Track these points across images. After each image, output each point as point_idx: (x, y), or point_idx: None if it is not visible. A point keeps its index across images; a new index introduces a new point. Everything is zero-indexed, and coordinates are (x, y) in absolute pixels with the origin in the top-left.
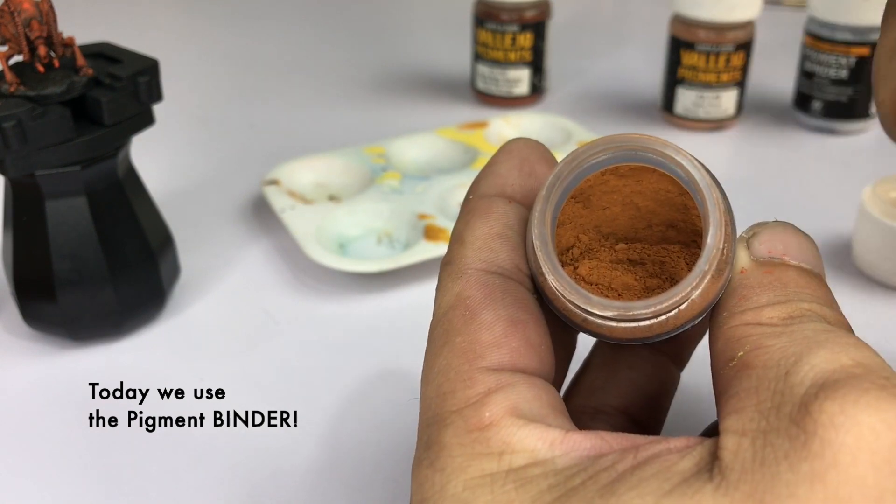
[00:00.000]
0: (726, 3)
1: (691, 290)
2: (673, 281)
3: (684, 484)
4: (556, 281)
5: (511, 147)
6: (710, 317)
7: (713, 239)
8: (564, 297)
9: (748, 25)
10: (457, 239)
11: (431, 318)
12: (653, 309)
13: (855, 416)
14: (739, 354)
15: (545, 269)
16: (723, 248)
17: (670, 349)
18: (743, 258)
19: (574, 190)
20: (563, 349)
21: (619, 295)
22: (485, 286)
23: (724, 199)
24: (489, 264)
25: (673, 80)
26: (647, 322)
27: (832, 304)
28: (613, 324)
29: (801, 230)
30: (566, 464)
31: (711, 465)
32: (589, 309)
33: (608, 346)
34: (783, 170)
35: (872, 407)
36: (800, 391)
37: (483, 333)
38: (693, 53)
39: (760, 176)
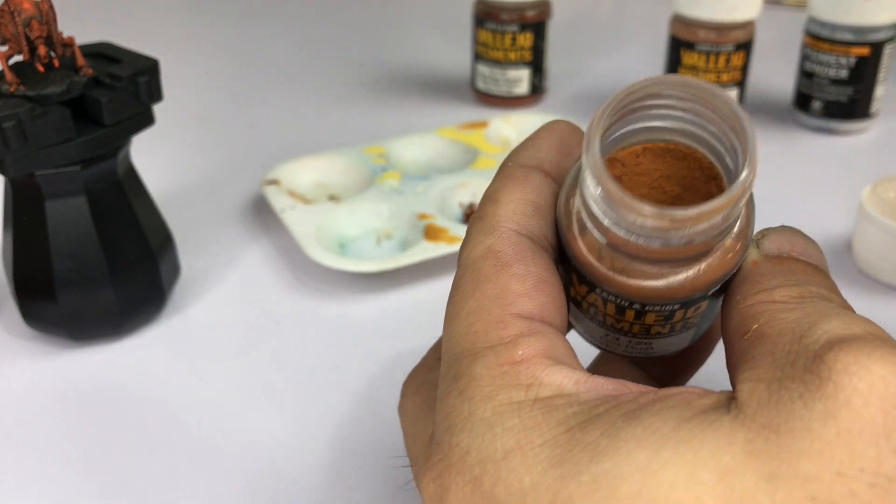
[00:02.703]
0: (726, 3)
1: (732, 203)
2: None
3: (703, 414)
4: (606, 184)
5: (554, 126)
6: (723, 302)
7: (749, 169)
8: (608, 217)
9: (748, 25)
10: (491, 198)
11: (457, 269)
12: (695, 212)
13: (868, 366)
14: (754, 327)
15: (594, 174)
16: (746, 215)
17: (666, 377)
18: (753, 253)
19: (607, 163)
20: None
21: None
22: (516, 244)
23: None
24: (520, 227)
25: None
26: (668, 281)
27: (838, 294)
28: (638, 282)
29: (806, 235)
30: (590, 398)
31: (728, 406)
32: (634, 218)
33: (601, 367)
34: (783, 170)
35: (885, 360)
36: (814, 348)
37: (514, 284)
38: (693, 53)
39: (760, 176)
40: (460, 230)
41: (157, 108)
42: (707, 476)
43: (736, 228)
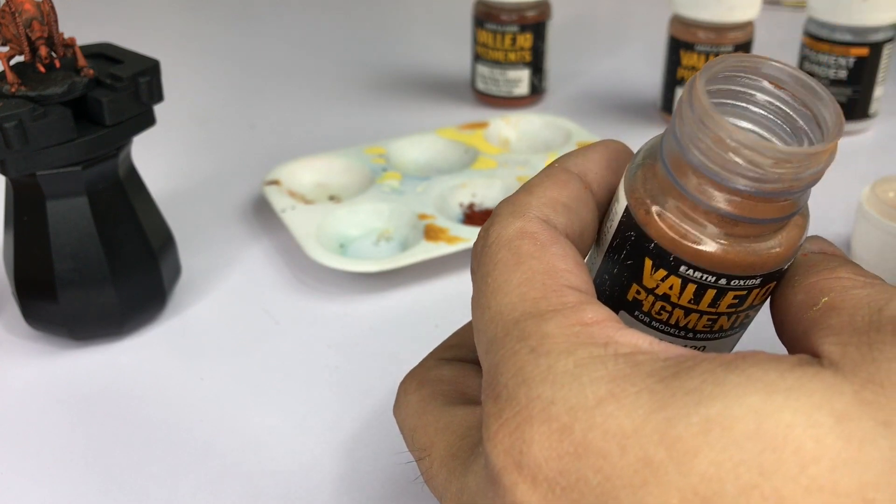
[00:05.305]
0: (726, 3)
1: (832, 150)
2: None
3: (801, 367)
4: (722, 128)
5: (609, 143)
6: (783, 284)
7: (840, 121)
8: (718, 167)
9: (747, 26)
10: (526, 189)
11: (483, 247)
12: (812, 150)
13: None
14: (824, 300)
15: (708, 122)
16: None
17: None
18: (804, 248)
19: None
20: None
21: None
22: (548, 230)
23: None
24: (547, 218)
25: (672, 81)
26: (756, 249)
27: None
28: (730, 249)
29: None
30: (669, 356)
31: (820, 363)
32: (752, 155)
33: None
34: None
35: None
36: None
37: (558, 262)
38: (692, 54)
39: None
40: (460, 230)
41: (158, 108)
42: (824, 419)
43: (802, 203)
